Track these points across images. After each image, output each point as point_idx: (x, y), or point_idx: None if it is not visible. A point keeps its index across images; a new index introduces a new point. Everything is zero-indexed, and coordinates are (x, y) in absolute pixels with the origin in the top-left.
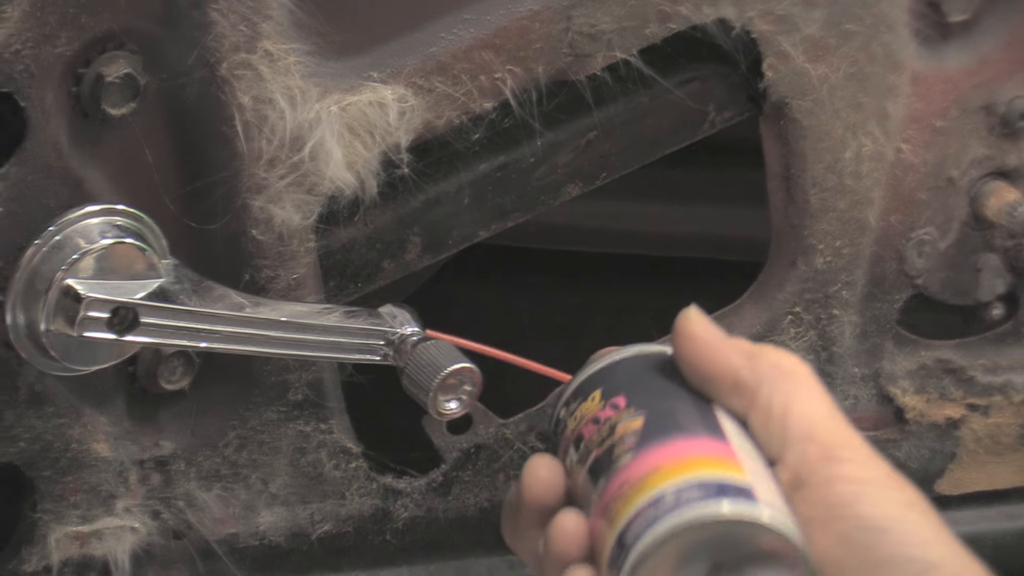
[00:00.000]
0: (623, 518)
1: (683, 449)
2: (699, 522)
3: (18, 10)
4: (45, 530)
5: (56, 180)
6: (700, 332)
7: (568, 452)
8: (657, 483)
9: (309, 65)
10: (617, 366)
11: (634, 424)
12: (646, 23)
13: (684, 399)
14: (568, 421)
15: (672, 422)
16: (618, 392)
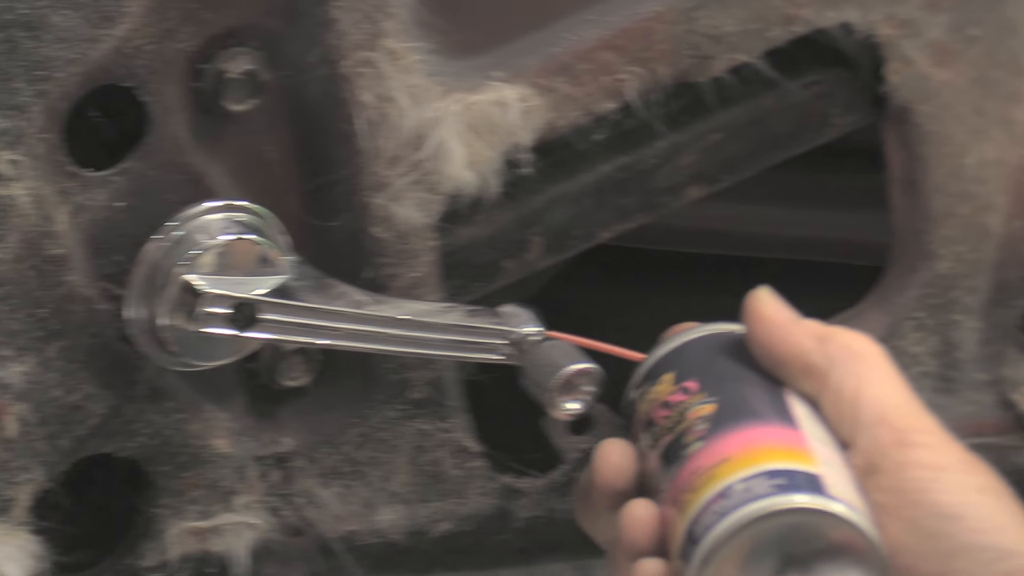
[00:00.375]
0: (693, 509)
1: (753, 438)
2: (768, 515)
3: (140, 5)
4: (163, 525)
5: (177, 175)
6: (771, 313)
7: (640, 435)
8: (727, 474)
9: (431, 63)
10: (688, 347)
11: (704, 410)
12: (769, 26)
13: (755, 383)
14: (639, 404)
15: (743, 408)
16: (689, 375)
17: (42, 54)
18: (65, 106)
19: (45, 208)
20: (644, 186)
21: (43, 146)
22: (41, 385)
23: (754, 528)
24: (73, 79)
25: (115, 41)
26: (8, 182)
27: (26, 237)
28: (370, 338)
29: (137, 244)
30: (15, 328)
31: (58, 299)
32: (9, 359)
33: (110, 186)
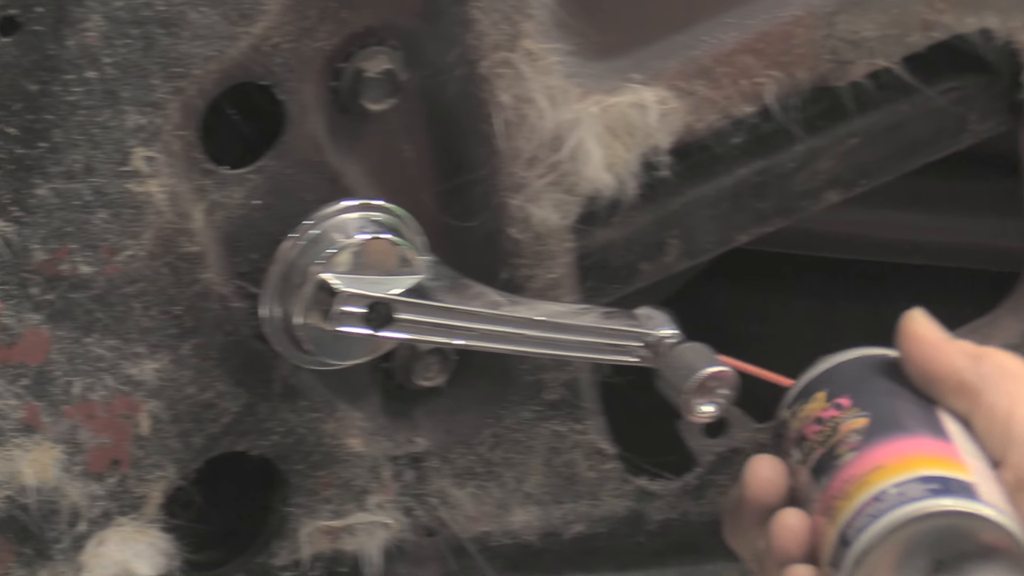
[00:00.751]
0: (845, 514)
1: (906, 447)
2: (921, 517)
3: (278, 3)
4: (296, 524)
5: (314, 174)
6: (924, 332)
7: (790, 452)
8: (880, 479)
9: (570, 65)
10: (841, 368)
11: (857, 423)
12: (908, 31)
13: (908, 399)
14: (791, 422)
15: (896, 422)
16: (842, 392)
17: (179, 51)
18: (202, 103)
19: (181, 205)
20: (781, 190)
21: (179, 143)
22: (174, 383)
23: (907, 530)
24: (210, 76)
25: (253, 39)
26: (144, 179)
27: (161, 234)
28: (506, 339)
29: (273, 242)
30: (148, 325)
31: (193, 297)
32: (142, 356)
33: (247, 184)
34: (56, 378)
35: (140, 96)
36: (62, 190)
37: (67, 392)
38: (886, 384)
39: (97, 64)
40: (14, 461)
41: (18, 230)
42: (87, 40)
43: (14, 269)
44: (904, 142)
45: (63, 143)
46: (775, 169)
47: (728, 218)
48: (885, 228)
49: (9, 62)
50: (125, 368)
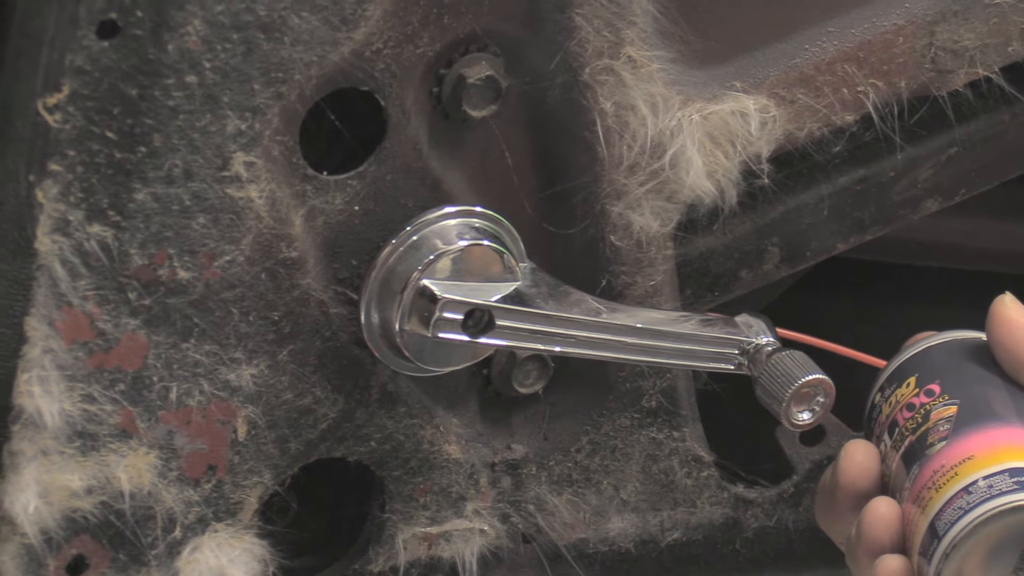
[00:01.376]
0: (935, 506)
1: (996, 438)
2: (1010, 510)
3: (380, 9)
4: (393, 530)
5: (414, 180)
6: (1014, 316)
7: (882, 438)
8: (970, 471)
9: (672, 72)
10: (931, 351)
11: (948, 411)
12: (1009, 41)
13: (998, 386)
14: (883, 407)
15: (986, 409)
16: (933, 379)
17: (280, 56)
18: (302, 109)
19: (280, 211)
20: (881, 199)
21: (279, 148)
22: (272, 388)
23: (997, 523)
24: (311, 82)
25: (354, 44)
26: (244, 184)
27: (260, 239)
28: (605, 346)
29: (373, 248)
30: (246, 331)
31: (291, 302)
32: (240, 362)
33: (347, 190)
34: (153, 383)
35: (240, 101)
36: (161, 195)
37: (164, 397)
38: (975, 369)
39: (197, 69)
40: (110, 466)
41: (116, 235)
42: (187, 44)
43: (112, 274)
44: (1003, 151)
45: (162, 148)
46: (875, 178)
47: (828, 226)
48: (983, 237)
49: (109, 66)
50: (222, 373)
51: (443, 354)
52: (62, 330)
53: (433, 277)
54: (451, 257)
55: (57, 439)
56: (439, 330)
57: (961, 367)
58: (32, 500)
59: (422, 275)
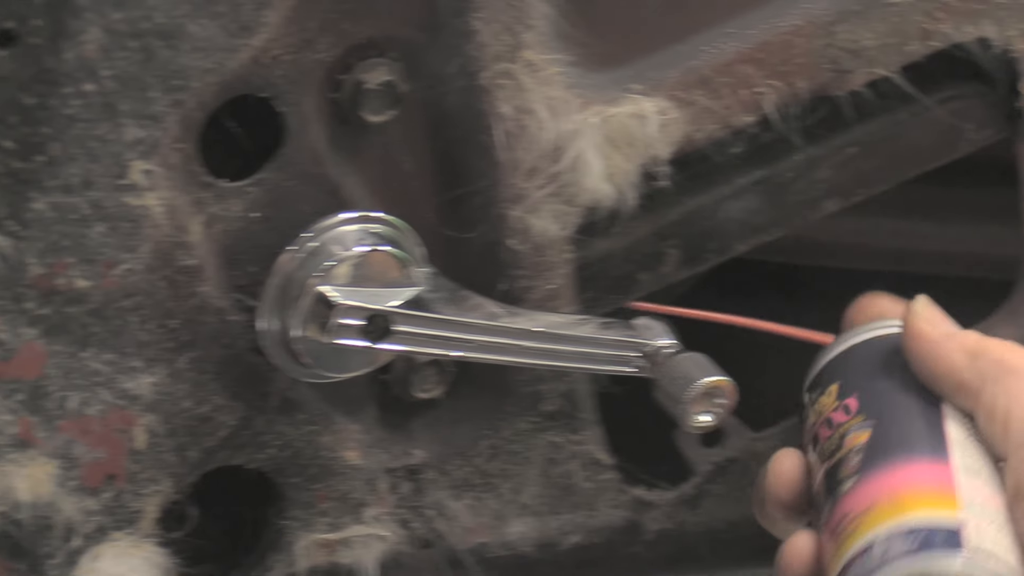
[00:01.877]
0: (843, 554)
1: (901, 481)
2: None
3: (278, 15)
4: (292, 537)
5: (313, 186)
6: (924, 328)
7: (809, 447)
8: (869, 527)
9: (570, 76)
10: (854, 354)
11: (861, 438)
12: (907, 40)
13: (912, 403)
14: (810, 412)
15: (897, 439)
16: (851, 391)
17: (178, 63)
18: (200, 116)
19: (179, 218)
20: (780, 199)
21: (178, 156)
22: (171, 396)
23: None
24: (209, 89)
25: (253, 51)
26: (142, 192)
27: (159, 247)
28: (504, 350)
29: (271, 255)
30: (145, 339)
31: (190, 310)
32: (139, 370)
33: (245, 197)
34: (51, 393)
35: (139, 109)
36: (59, 204)
37: (62, 407)
38: (893, 381)
39: (95, 77)
40: (8, 476)
41: (14, 244)
42: (85, 53)
43: (10, 284)
44: (902, 151)
45: (60, 157)
46: (774, 179)
47: (726, 228)
48: (883, 236)
49: (6, 75)
50: (121, 382)
51: (342, 360)
52: None
53: (331, 283)
54: (350, 263)
55: None
56: (337, 336)
57: (879, 377)
58: None
59: (320, 281)
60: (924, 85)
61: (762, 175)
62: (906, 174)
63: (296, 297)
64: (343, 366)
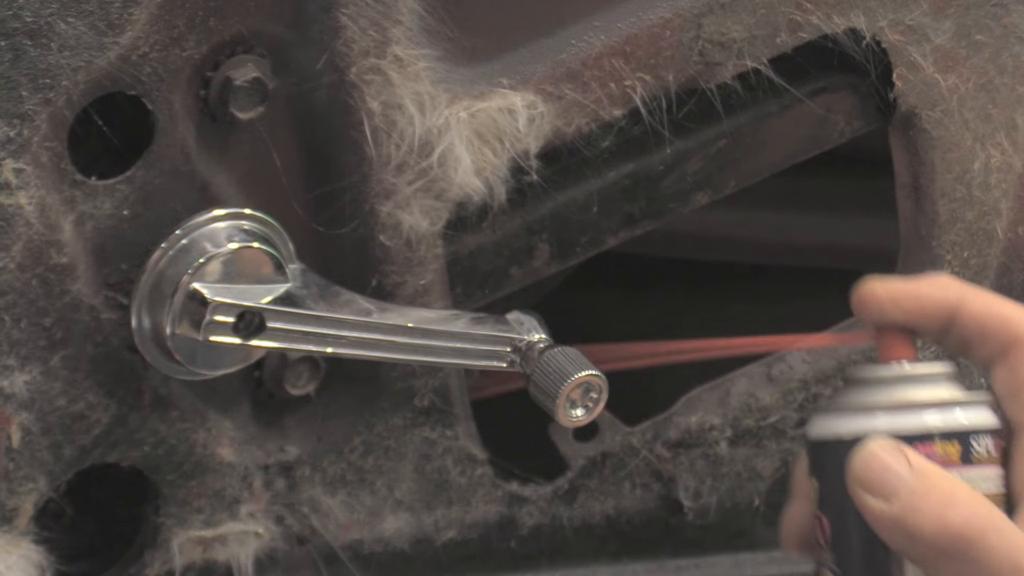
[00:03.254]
0: None
1: None
2: None
3: (145, 13)
4: (168, 534)
5: (183, 183)
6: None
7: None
8: None
9: (438, 71)
10: (829, 456)
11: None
12: (776, 32)
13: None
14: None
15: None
16: (827, 508)
17: (47, 62)
18: (70, 114)
19: (50, 217)
20: (651, 193)
21: (48, 155)
22: (45, 394)
23: None
24: (78, 87)
25: (121, 49)
26: (13, 191)
27: (30, 246)
28: (376, 346)
29: (143, 252)
30: (18, 337)
31: (62, 308)
32: (12, 368)
33: (116, 195)
34: None
35: (8, 108)
36: None
37: None
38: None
39: None
40: None
41: None
42: None
43: None
44: (774, 143)
45: None
46: (644, 172)
47: (597, 221)
48: (755, 229)
49: None
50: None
51: (215, 357)
52: None
53: (203, 280)
54: (220, 260)
55: None
56: (210, 333)
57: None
58: None
59: (192, 279)
60: (794, 77)
61: (632, 169)
62: (778, 166)
63: (168, 294)
64: (216, 363)
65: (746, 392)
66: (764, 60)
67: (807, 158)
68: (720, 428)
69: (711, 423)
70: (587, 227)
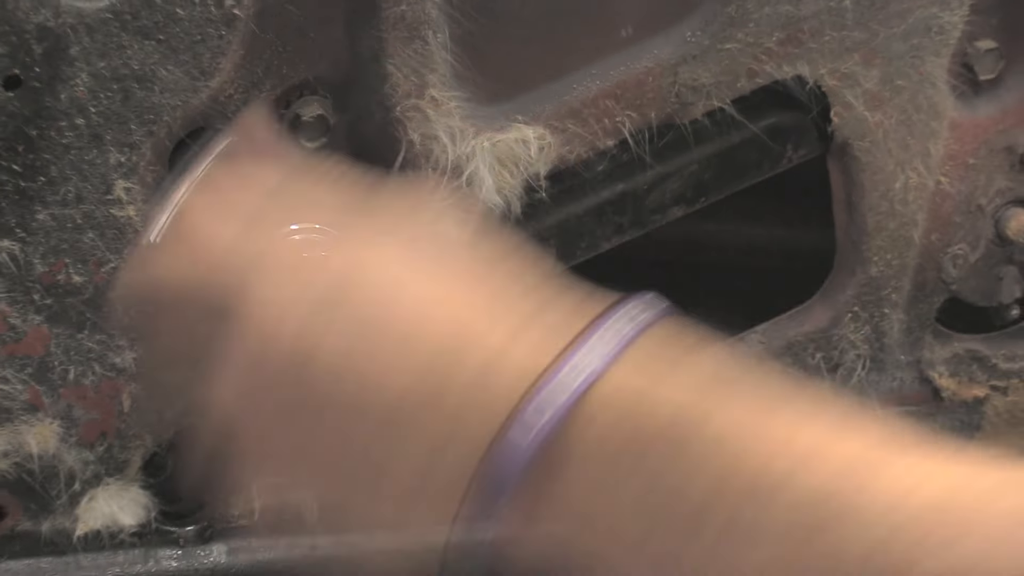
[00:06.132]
0: None
1: None
2: None
3: (230, 62)
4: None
5: None
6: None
7: None
8: None
9: (466, 109)
10: None
11: None
12: (737, 78)
13: None
14: None
15: None
16: None
17: (151, 102)
18: (170, 143)
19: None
20: (636, 207)
21: (152, 176)
22: (151, 368)
23: None
24: (176, 122)
25: (210, 91)
26: (124, 205)
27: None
28: None
29: None
30: (128, 323)
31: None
32: (124, 348)
33: None
34: (55, 367)
35: (119, 139)
36: (58, 215)
37: (64, 378)
38: None
39: (85, 113)
40: (21, 434)
41: (22, 248)
42: (76, 94)
43: (20, 280)
44: (734, 167)
45: (58, 177)
46: (631, 191)
47: (594, 230)
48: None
49: (13, 112)
50: (110, 358)
51: None
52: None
53: None
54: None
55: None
56: None
57: None
58: None
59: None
60: (751, 113)
61: (622, 188)
62: (738, 186)
63: None
64: None
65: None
66: (727, 101)
67: (761, 179)
68: None
69: None
70: (585, 234)
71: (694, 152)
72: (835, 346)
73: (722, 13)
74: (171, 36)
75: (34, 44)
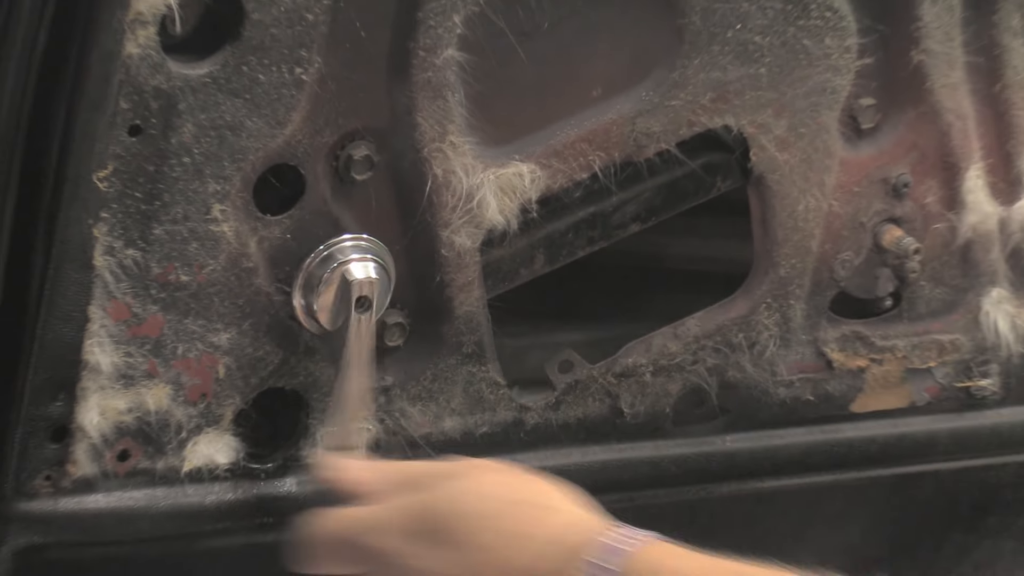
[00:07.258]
0: None
1: None
2: None
3: (300, 115)
4: (314, 430)
5: (323, 219)
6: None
7: None
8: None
9: (477, 150)
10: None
11: None
12: (680, 127)
13: None
14: None
15: None
16: None
17: (240, 144)
18: (254, 176)
19: (242, 238)
20: (604, 224)
21: (241, 200)
22: (239, 346)
23: None
24: (259, 160)
25: (285, 137)
26: (219, 223)
27: (230, 256)
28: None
29: (300, 260)
30: (223, 312)
31: (249, 294)
32: (219, 330)
33: (282, 225)
34: (167, 344)
35: (216, 172)
36: (170, 230)
37: (174, 352)
38: None
39: (190, 153)
40: (141, 395)
41: (143, 255)
42: (184, 139)
43: (140, 279)
44: (677, 194)
45: (170, 201)
46: (600, 212)
47: (572, 242)
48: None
49: (135, 153)
50: (209, 338)
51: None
52: (111, 313)
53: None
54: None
55: (109, 379)
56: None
57: None
58: (95, 417)
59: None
60: (691, 154)
61: (593, 210)
62: (680, 208)
63: (315, 285)
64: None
65: (662, 344)
66: (673, 144)
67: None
68: (646, 365)
69: (640, 362)
70: (565, 245)
71: (648, 183)
72: (753, 328)
73: (668, 78)
74: (255, 95)
75: (152, 101)
